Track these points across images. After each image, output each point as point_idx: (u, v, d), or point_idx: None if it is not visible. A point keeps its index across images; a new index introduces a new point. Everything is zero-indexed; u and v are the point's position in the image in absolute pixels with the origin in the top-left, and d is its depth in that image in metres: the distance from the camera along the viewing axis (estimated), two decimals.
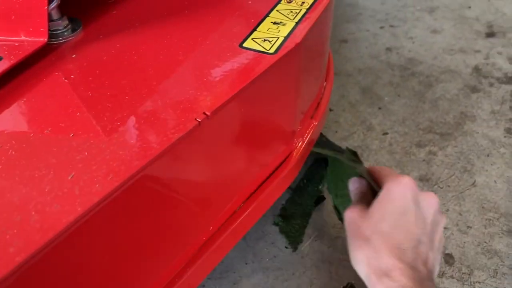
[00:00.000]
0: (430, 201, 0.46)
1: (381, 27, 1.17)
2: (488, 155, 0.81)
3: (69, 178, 0.33)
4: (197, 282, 0.48)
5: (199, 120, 0.37)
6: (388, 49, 1.09)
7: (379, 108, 0.93)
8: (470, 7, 1.23)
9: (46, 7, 0.43)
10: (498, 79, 0.98)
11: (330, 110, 0.92)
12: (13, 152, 0.35)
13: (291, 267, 0.66)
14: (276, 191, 0.54)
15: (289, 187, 0.74)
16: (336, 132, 0.88)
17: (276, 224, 0.71)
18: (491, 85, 0.97)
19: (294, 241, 0.68)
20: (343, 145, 0.84)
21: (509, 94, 0.94)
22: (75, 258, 0.32)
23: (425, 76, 1.00)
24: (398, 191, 0.45)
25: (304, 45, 0.47)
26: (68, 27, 0.48)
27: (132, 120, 0.37)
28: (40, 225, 0.29)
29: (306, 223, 0.71)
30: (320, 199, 0.73)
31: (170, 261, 0.43)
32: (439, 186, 0.76)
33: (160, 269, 0.42)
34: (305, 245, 0.69)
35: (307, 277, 0.65)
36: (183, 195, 0.40)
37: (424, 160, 0.81)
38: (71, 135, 0.36)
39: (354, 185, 0.52)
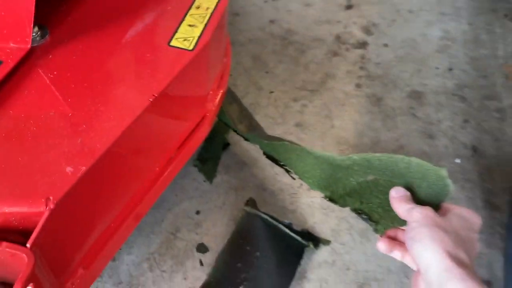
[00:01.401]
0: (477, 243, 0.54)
1: (265, 1, 1.42)
2: (343, 105, 1.13)
3: (78, 142, 0.54)
4: (150, 204, 0.72)
5: (151, 100, 0.60)
6: (271, 21, 1.35)
7: (266, 72, 1.19)
8: None
9: (32, 20, 0.60)
10: (352, 44, 1.30)
11: (230, 75, 1.17)
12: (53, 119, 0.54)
13: (209, 194, 0.92)
14: (198, 140, 0.78)
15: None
16: (235, 92, 1.13)
17: (195, 165, 0.96)
18: (347, 50, 1.28)
19: (210, 176, 0.94)
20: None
21: (359, 57, 1.26)
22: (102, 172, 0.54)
23: (299, 44, 1.28)
24: (472, 218, 0.54)
25: (211, 41, 0.70)
26: (39, 33, 0.65)
27: (106, 101, 0.59)
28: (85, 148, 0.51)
29: (217, 163, 0.96)
30: (226, 146, 0.99)
31: (137, 187, 0.66)
32: (309, 129, 1.06)
33: (134, 188, 0.65)
34: (218, 179, 0.95)
35: (221, 200, 0.92)
36: (143, 147, 0.63)
37: (298, 111, 1.10)
38: (69, 114, 0.57)
39: (398, 193, 0.58)
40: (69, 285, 0.59)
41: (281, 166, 0.83)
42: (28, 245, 0.47)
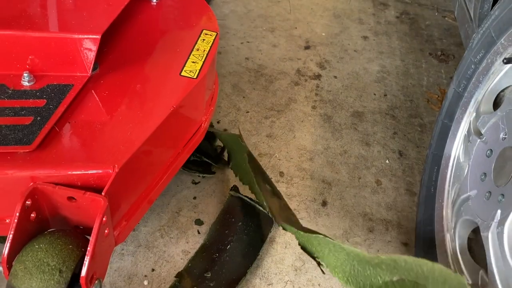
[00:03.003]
0: None
1: (241, 43, 1.78)
2: (302, 121, 1.48)
3: (128, 133, 0.85)
4: (163, 188, 1.02)
5: (172, 109, 0.92)
6: (246, 58, 1.70)
7: (243, 97, 1.53)
8: (296, 28, 1.90)
9: (94, 58, 0.92)
10: (309, 76, 1.66)
11: None
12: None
13: (203, 185, 1.24)
14: (197, 141, 1.10)
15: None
16: (219, 112, 1.46)
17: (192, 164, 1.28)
18: (306, 80, 1.64)
19: (203, 172, 1.26)
20: (224, 120, 1.43)
21: (315, 86, 1.63)
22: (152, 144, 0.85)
23: (269, 76, 1.64)
24: None
25: (207, 72, 1.04)
26: (93, 65, 0.97)
27: (142, 107, 0.91)
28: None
29: (212, 165, 1.28)
30: (219, 156, 1.31)
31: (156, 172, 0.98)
32: (276, 139, 1.40)
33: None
34: (214, 175, 1.27)
35: (212, 189, 1.23)
36: (164, 141, 0.95)
37: (268, 126, 1.44)
38: (119, 116, 0.88)
39: None
40: (116, 232, 0.89)
41: (314, 258, 0.89)
42: (103, 193, 0.78)
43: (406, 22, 2.01)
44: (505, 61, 0.90)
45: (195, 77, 1.01)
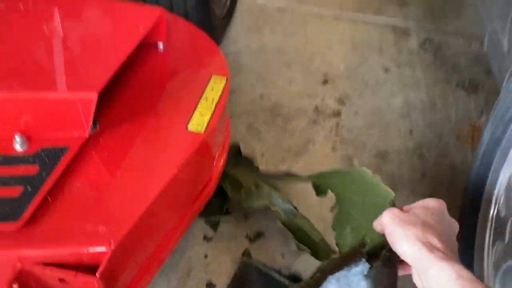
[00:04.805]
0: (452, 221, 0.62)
1: (256, 79, 1.70)
2: (322, 165, 1.38)
3: (125, 200, 0.77)
4: (172, 248, 0.93)
5: (177, 168, 0.84)
6: (262, 96, 1.62)
7: (259, 139, 1.45)
8: (313, 61, 1.82)
9: (92, 118, 0.85)
10: (329, 114, 1.57)
11: None
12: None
13: (214, 241, 1.14)
14: (207, 196, 1.01)
15: None
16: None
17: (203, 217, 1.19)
18: (324, 119, 1.55)
19: (214, 226, 1.17)
20: None
21: (335, 124, 1.53)
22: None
23: (285, 115, 1.55)
24: (434, 204, 0.63)
25: (216, 125, 0.96)
26: (92, 126, 0.90)
27: (146, 167, 0.83)
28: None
29: (220, 217, 1.19)
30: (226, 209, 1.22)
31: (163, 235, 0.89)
32: (293, 186, 1.30)
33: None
34: (221, 227, 1.17)
35: (224, 245, 1.14)
36: (170, 202, 0.86)
37: (286, 170, 1.35)
38: (118, 180, 0.80)
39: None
40: None
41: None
42: (97, 274, 0.70)
43: (430, 51, 1.90)
44: None
45: (202, 131, 0.92)
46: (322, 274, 0.62)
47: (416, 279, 0.58)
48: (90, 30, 0.96)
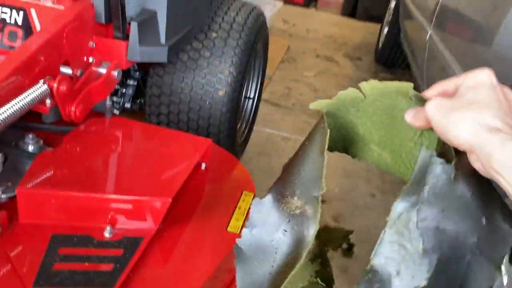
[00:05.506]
0: (506, 89, 0.52)
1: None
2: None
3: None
4: None
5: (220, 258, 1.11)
6: None
7: None
8: None
9: (164, 214, 1.15)
10: None
11: None
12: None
13: None
14: None
15: None
16: None
17: None
18: None
19: None
20: None
21: None
22: None
23: None
24: (482, 76, 0.52)
25: None
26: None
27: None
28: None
29: None
30: None
31: None
32: None
33: None
34: None
35: None
36: None
37: None
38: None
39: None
40: None
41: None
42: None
43: None
44: None
45: (238, 232, 1.22)
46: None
47: (473, 162, 0.52)
48: (162, 151, 1.31)
